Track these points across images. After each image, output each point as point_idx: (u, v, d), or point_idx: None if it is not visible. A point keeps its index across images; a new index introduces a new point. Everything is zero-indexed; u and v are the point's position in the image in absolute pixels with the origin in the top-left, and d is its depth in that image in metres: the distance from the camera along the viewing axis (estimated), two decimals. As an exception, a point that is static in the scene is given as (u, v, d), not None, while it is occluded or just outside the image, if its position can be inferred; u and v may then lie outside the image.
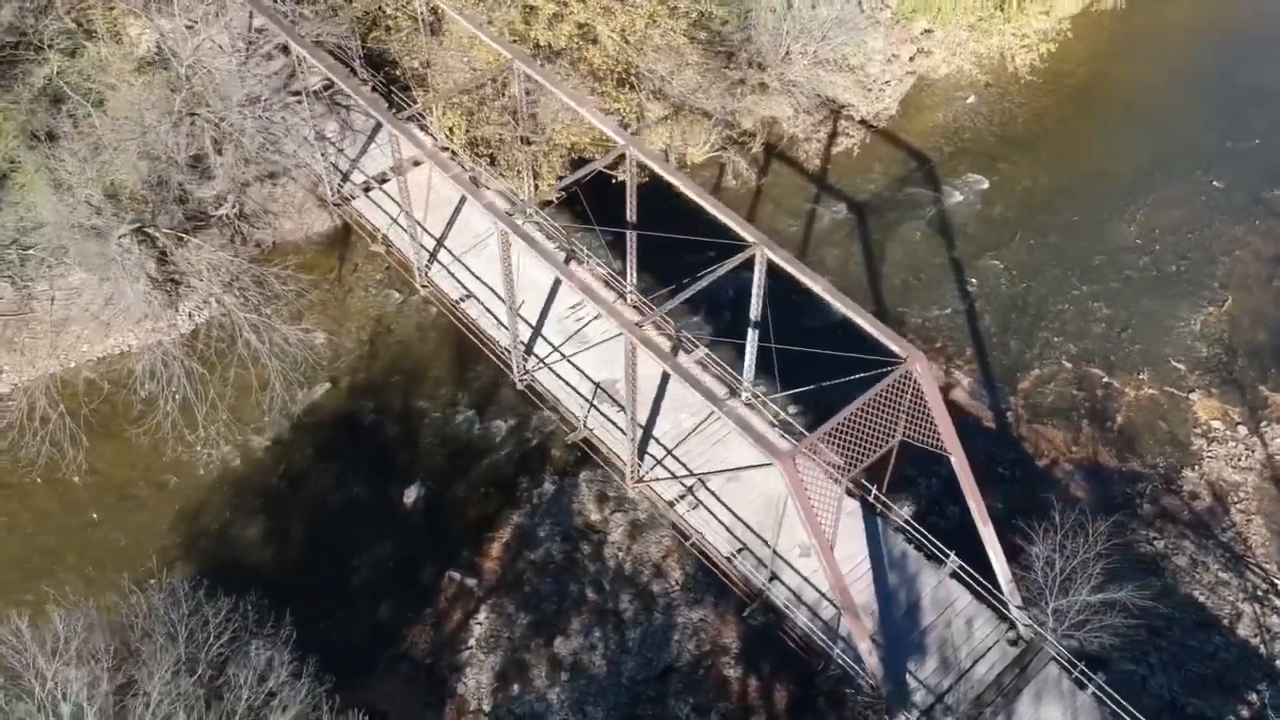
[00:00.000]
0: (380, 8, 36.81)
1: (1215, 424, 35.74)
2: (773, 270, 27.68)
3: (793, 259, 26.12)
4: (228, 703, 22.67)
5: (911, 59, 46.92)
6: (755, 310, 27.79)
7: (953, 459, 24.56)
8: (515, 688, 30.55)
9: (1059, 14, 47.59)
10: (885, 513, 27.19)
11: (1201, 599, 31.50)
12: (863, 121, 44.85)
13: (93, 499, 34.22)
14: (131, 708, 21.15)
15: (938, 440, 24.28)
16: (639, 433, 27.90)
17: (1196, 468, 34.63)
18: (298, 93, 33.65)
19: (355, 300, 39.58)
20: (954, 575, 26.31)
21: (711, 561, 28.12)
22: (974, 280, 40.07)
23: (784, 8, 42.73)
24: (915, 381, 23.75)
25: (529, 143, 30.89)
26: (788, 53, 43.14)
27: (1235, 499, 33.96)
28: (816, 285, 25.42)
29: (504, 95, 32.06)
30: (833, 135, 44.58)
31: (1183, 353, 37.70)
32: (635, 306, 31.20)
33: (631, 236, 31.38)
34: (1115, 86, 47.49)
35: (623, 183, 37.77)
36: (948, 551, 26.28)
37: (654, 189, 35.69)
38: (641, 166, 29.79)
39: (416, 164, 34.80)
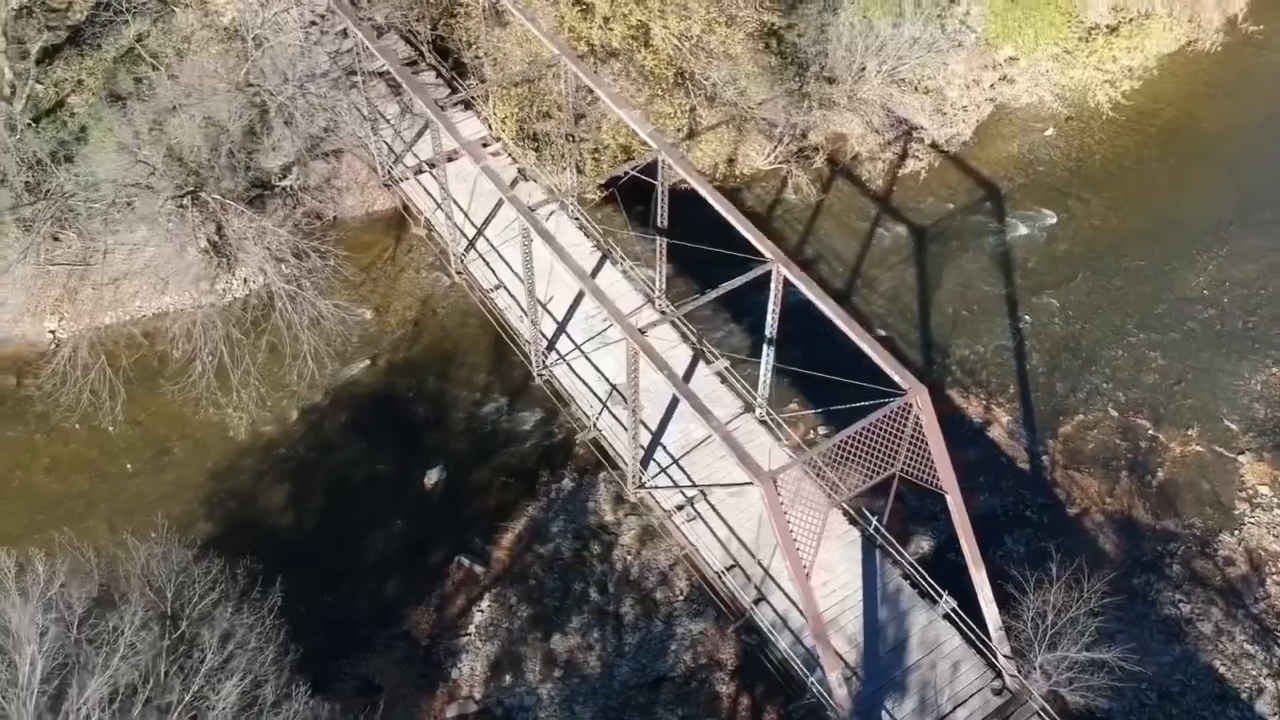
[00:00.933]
0: (453, -6, 37.28)
1: (1263, 489, 34.29)
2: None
3: (808, 279, 25.76)
4: (193, 660, 23.16)
5: (992, 86, 45.85)
6: (771, 327, 27.51)
7: (948, 497, 23.98)
8: (508, 678, 30.71)
9: (1150, 51, 46.08)
10: (885, 546, 26.65)
11: (1222, 669, 30.26)
12: (933, 145, 44.00)
13: (128, 450, 35.35)
14: (90, 656, 21.72)
15: (935, 477, 23.72)
16: (644, 438, 27.83)
17: (1236, 532, 33.27)
18: (354, 72, 34.27)
19: (405, 280, 40.15)
20: (947, 617, 25.67)
21: (702, 575, 27.92)
22: (1028, 317, 39.03)
23: (863, 24, 42.15)
24: (915, 415, 23.24)
25: (574, 140, 30.95)
26: (862, 69, 42.53)
27: (1273, 569, 32.56)
28: (827, 308, 25.05)
29: (555, 91, 32.18)
30: (901, 156, 43.84)
31: (1238, 412, 36.22)
32: (661, 311, 31.09)
33: (661, 243, 31.31)
34: (1202, 131, 45.81)
35: (675, 187, 38.12)
36: (942, 591, 25.67)
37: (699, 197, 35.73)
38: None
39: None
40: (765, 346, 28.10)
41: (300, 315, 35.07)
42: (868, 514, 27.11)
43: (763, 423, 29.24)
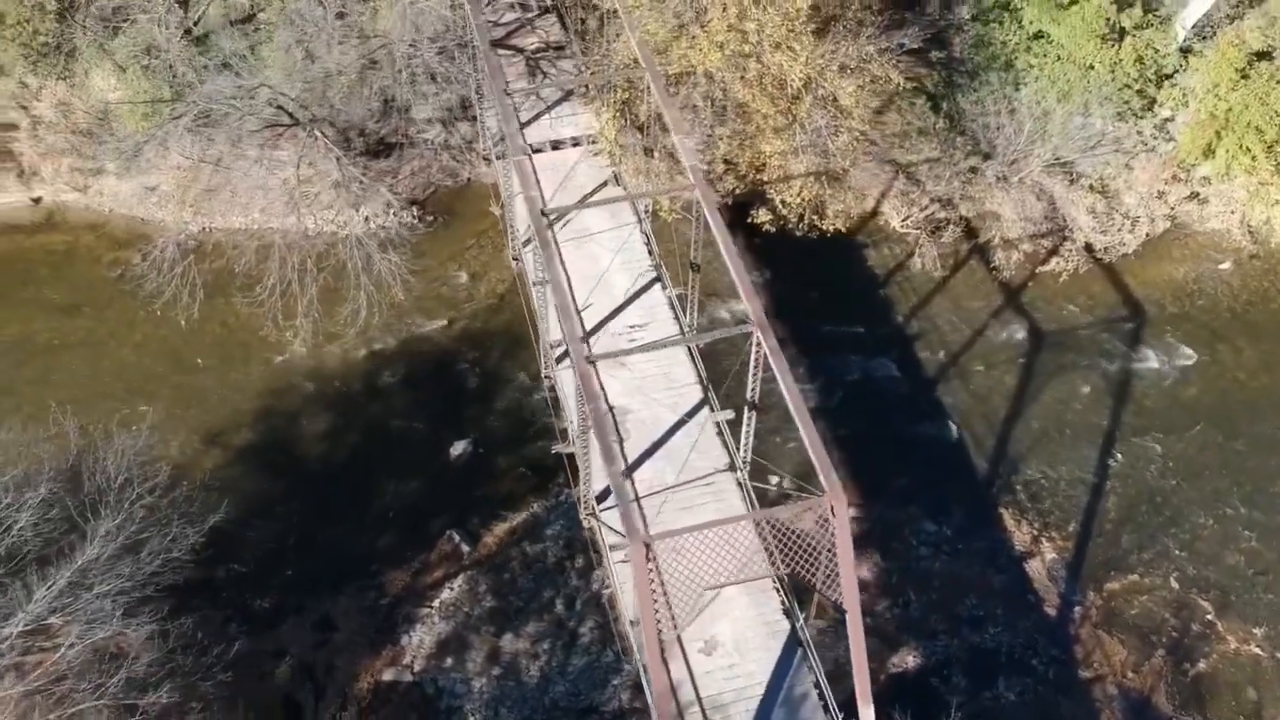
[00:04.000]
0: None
1: (1316, 719, 30.13)
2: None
3: (779, 352, 24.40)
4: (131, 562, 24.47)
5: (1177, 203, 41.77)
6: (752, 390, 26.30)
7: (847, 616, 22.26)
8: (449, 661, 31.03)
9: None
10: (806, 646, 25.07)
11: None
12: (1087, 248, 40.58)
13: (204, 348, 37.84)
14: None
15: (837, 590, 22.10)
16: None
17: (1264, 756, 29.46)
18: (464, 44, 34.92)
19: (508, 253, 40.89)
20: (842, 742, 23.93)
21: (617, 619, 27.22)
22: (1120, 456, 35.60)
23: (1037, 108, 39.40)
24: (829, 521, 21.73)
25: (650, 154, 30.50)
26: (1029, 152, 39.74)
27: (1290, 811, 28.65)
28: (785, 387, 23.73)
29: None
30: (1046, 252, 40.69)
31: (1322, 626, 31.91)
32: (690, 348, 30.27)
33: (694, 278, 30.56)
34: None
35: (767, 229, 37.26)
36: (840, 714, 23.90)
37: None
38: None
39: (575, 143, 35.42)
40: (745, 409, 26.94)
41: (369, 263, 36.28)
42: (798, 609, 25.60)
43: (740, 485, 28.06)
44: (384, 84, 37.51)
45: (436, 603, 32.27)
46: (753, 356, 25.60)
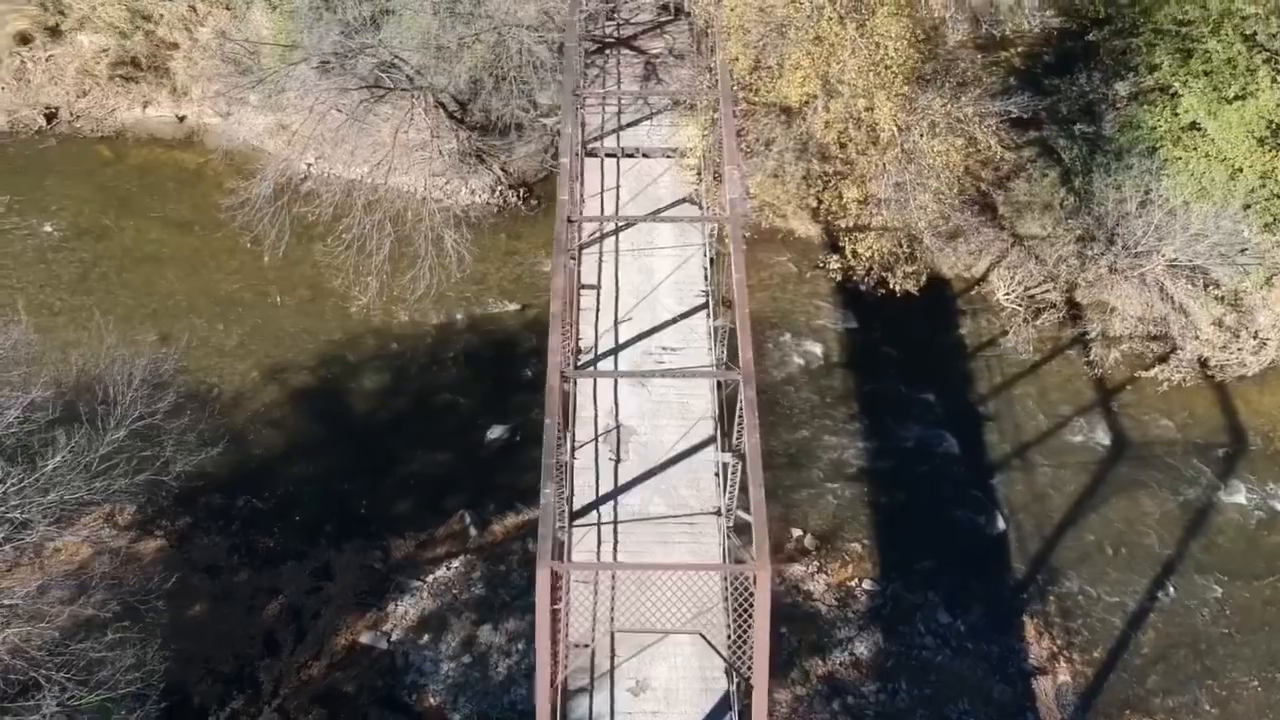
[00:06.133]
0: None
1: None
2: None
3: (754, 411, 23.33)
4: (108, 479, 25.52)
5: (1320, 331, 38.12)
6: (737, 439, 25.28)
7: (754, 694, 21.18)
8: (425, 638, 31.34)
9: None
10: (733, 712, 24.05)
11: None
12: (1200, 361, 37.43)
13: (289, 286, 39.31)
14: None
15: (748, 665, 21.07)
16: (623, 476, 27.01)
17: None
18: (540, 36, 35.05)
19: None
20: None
21: (565, 637, 26.67)
22: (1174, 590, 32.83)
23: (1172, 202, 36.55)
24: (750, 590, 20.73)
25: (718, 179, 29.73)
26: (1156, 248, 36.95)
27: None
28: (749, 444, 22.73)
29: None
30: (1154, 357, 37.75)
31: (1351, 826, 28.73)
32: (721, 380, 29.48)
33: (724, 311, 29.63)
34: None
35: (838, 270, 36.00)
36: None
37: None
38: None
39: (667, 154, 34.96)
40: (731, 456, 25.97)
41: (460, 234, 36.82)
42: (736, 671, 24.56)
43: (720, 531, 27.15)
44: (503, 65, 37.86)
45: (430, 578, 32.64)
46: (738, 406, 24.70)
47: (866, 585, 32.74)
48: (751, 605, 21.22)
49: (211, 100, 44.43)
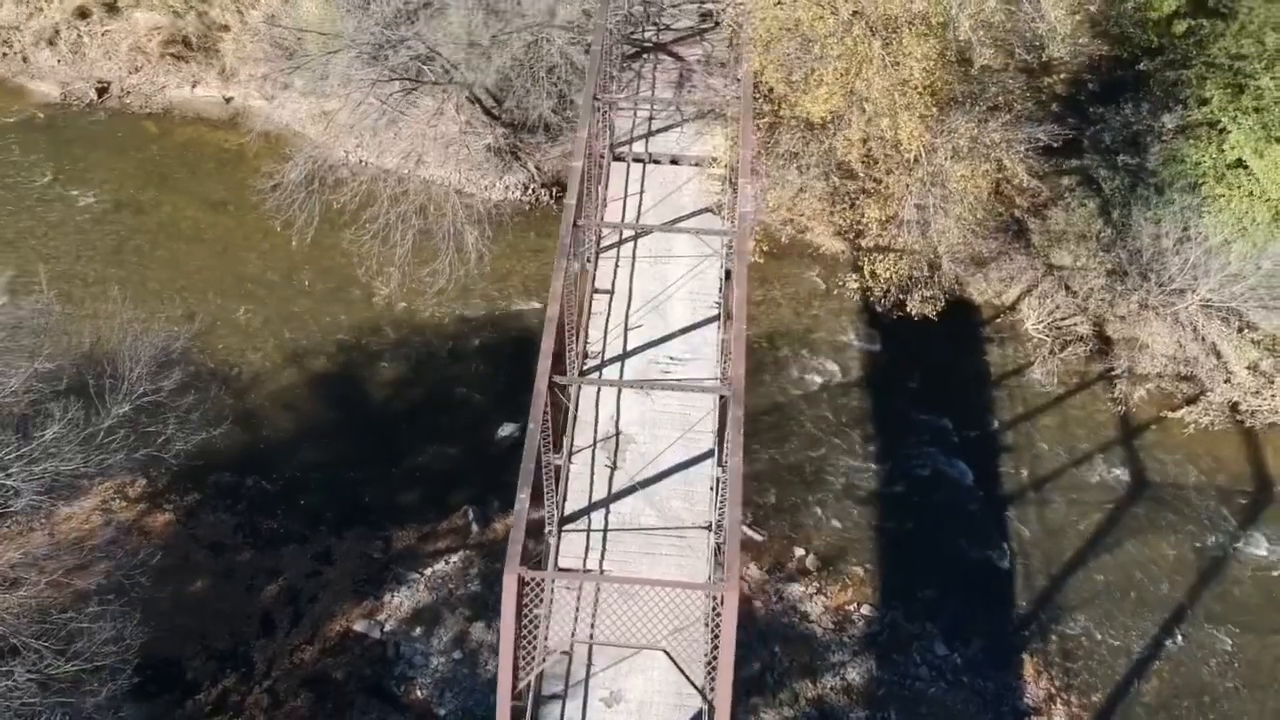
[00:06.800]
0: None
1: None
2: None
3: (739, 425, 22.99)
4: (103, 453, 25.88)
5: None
6: (724, 454, 24.95)
7: (715, 716, 20.88)
8: (416, 630, 31.48)
9: None
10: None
11: None
12: (1231, 406, 36.31)
13: (318, 271, 39.72)
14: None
15: (711, 684, 20.79)
16: (620, 483, 26.85)
17: None
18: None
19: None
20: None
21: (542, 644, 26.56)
22: (1181, 638, 31.86)
23: (1212, 241, 35.59)
24: (716, 611, 20.43)
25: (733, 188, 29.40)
26: (1192, 288, 36.02)
27: None
28: (731, 464, 22.39)
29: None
30: (1182, 399, 36.75)
31: None
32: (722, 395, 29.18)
33: (727, 324, 29.28)
34: None
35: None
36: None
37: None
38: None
39: (695, 163, 34.71)
40: (719, 469, 25.66)
41: (482, 230, 36.94)
42: (701, 693, 24.26)
43: (709, 546, 26.86)
44: (537, 64, 37.89)
45: (428, 571, 32.77)
46: (724, 420, 24.43)
47: (865, 610, 32.30)
48: (710, 626, 20.96)
49: (257, 83, 45.10)
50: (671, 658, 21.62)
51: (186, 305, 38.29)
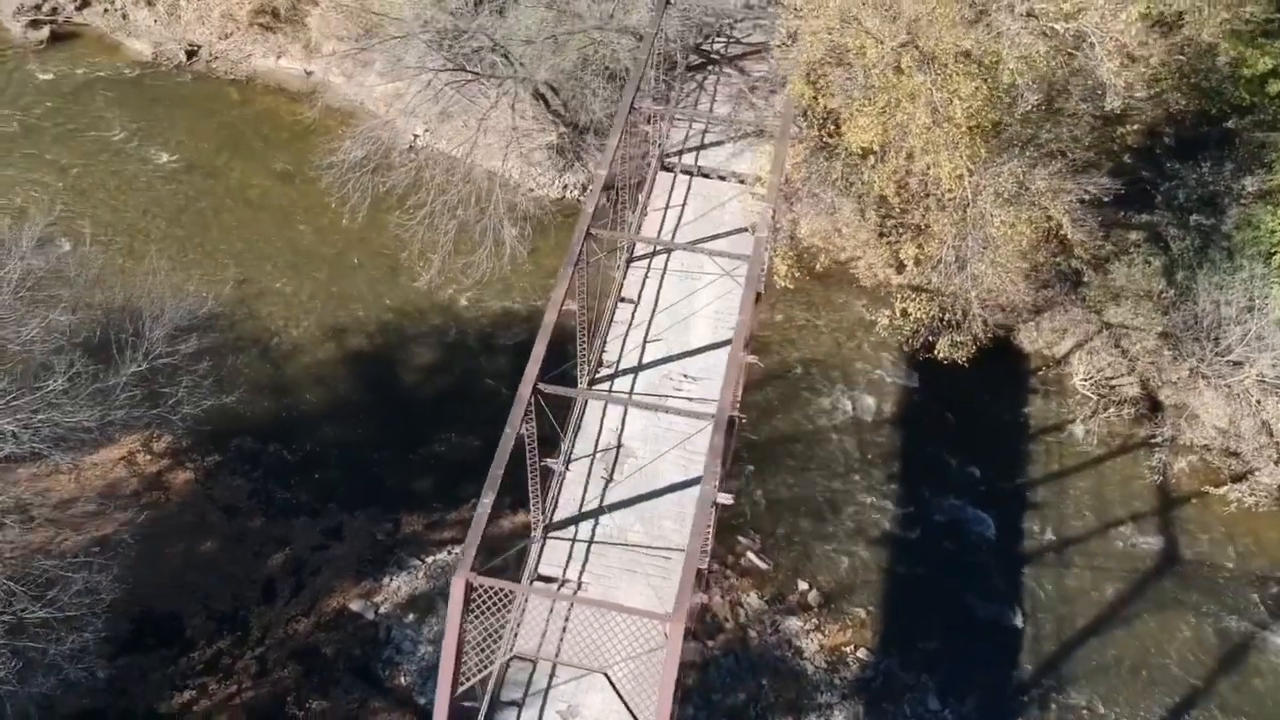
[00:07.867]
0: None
1: None
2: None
3: (718, 453, 22.58)
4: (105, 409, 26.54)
5: None
6: (714, 477, 24.55)
7: (658, 735, 20.53)
8: (410, 617, 31.80)
9: None
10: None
11: None
12: (1280, 489, 34.77)
13: (369, 252, 40.30)
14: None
15: (651, 707, 20.46)
16: (619, 495, 26.76)
17: None
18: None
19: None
20: None
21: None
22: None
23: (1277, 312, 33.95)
24: (664, 639, 20.11)
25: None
26: (1250, 357, 34.37)
27: None
28: (703, 494, 22.01)
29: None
30: (1229, 475, 35.12)
31: None
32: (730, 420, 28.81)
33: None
34: None
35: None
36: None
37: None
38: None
39: (741, 180, 34.35)
40: (702, 488, 25.24)
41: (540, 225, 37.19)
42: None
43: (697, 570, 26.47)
44: (598, 66, 37.91)
45: (430, 560, 33.08)
46: (709, 445, 24.06)
47: (861, 654, 31.60)
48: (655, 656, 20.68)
49: (338, 60, 45.85)
50: (612, 683, 21.38)
51: (240, 270, 39.26)
